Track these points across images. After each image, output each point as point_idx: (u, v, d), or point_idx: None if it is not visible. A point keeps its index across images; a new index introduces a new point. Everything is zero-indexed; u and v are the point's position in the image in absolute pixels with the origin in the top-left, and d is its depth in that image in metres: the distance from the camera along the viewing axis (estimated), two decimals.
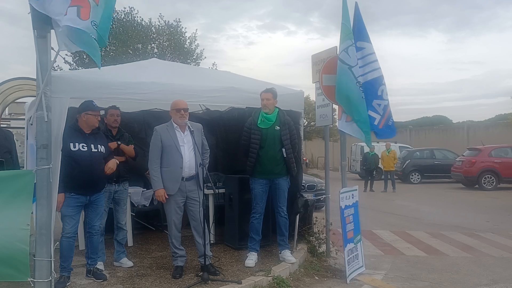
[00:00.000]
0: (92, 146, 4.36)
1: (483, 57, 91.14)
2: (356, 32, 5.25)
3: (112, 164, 4.55)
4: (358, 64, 5.14)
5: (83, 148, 4.28)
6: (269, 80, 6.22)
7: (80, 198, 4.30)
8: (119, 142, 4.98)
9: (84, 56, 19.26)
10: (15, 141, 5.91)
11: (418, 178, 20.23)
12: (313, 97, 7.05)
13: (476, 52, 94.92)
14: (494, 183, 16.45)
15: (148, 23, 20.03)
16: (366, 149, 18.72)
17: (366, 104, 5.16)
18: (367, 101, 5.18)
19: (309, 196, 7.87)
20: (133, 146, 5.17)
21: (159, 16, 20.08)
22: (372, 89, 5.24)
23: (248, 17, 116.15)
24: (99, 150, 4.41)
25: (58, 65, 14.31)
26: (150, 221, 7.15)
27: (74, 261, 4.61)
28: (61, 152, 3.97)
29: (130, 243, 6.00)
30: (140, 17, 19.77)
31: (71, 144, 4.21)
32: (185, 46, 20.36)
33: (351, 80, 5.08)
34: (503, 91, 61.13)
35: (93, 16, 3.16)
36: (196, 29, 29.82)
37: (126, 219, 5.37)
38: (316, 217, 6.32)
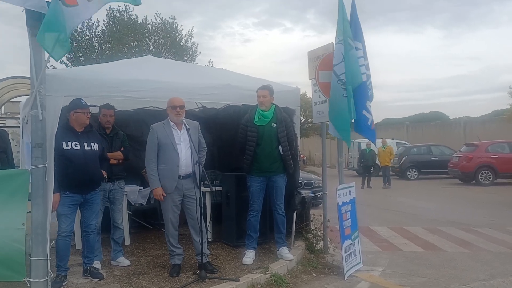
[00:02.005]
0: (85, 144, 4.33)
1: (480, 52, 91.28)
2: (352, 31, 5.23)
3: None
4: (344, 61, 5.08)
5: (75, 146, 4.26)
6: (265, 78, 6.22)
7: (75, 196, 4.28)
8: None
9: (80, 55, 19.20)
10: (11, 140, 5.88)
11: (415, 174, 20.29)
12: (309, 94, 7.06)
13: (473, 48, 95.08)
14: (491, 179, 16.51)
15: (144, 21, 19.96)
16: (363, 146, 18.74)
17: (359, 105, 5.15)
18: (361, 101, 5.18)
19: (306, 193, 7.86)
20: (122, 148, 5.10)
21: (156, 13, 19.99)
22: (365, 90, 5.24)
23: (245, 15, 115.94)
24: (93, 148, 4.39)
25: (52, 65, 14.24)
26: (147, 219, 7.13)
27: (71, 260, 4.60)
28: (53, 152, 3.94)
29: (127, 241, 5.99)
30: (135, 14, 19.70)
31: (64, 143, 4.18)
32: (181, 43, 20.31)
33: (334, 80, 5.12)
34: (499, 86, 61.35)
35: None
36: (193, 26, 29.71)
37: (123, 218, 5.35)
38: (313, 214, 6.31)
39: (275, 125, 5.09)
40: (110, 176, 4.87)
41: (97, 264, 4.75)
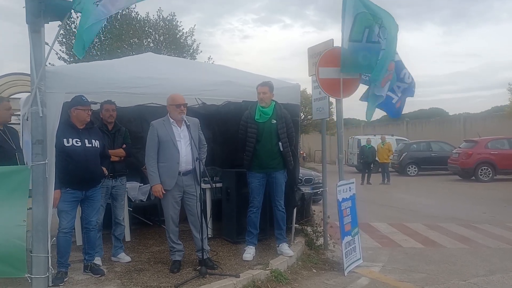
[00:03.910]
0: (86, 141, 4.33)
1: (479, 49, 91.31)
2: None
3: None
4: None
5: (76, 143, 4.26)
6: (265, 74, 6.20)
7: (76, 193, 4.28)
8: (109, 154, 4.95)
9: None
10: None
11: (415, 171, 20.33)
12: (309, 91, 7.05)
13: (472, 45, 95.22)
14: (491, 175, 16.53)
15: (144, 18, 19.89)
16: (363, 142, 18.77)
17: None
18: (391, 81, 5.35)
19: (306, 189, 7.87)
20: (124, 146, 5.09)
21: (158, 10, 19.89)
22: (396, 71, 5.42)
23: (244, 11, 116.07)
24: (94, 145, 4.39)
25: (50, 63, 14.16)
26: (148, 216, 7.14)
27: (72, 256, 4.60)
28: (54, 149, 3.94)
29: (127, 238, 5.99)
30: (136, 12, 19.63)
31: (64, 140, 4.18)
32: (181, 40, 20.25)
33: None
34: (499, 83, 61.55)
35: None
36: (195, 24, 29.74)
37: (124, 215, 5.36)
38: (313, 211, 6.32)
39: (275, 121, 5.09)
40: (112, 172, 4.88)
41: (97, 261, 4.76)
